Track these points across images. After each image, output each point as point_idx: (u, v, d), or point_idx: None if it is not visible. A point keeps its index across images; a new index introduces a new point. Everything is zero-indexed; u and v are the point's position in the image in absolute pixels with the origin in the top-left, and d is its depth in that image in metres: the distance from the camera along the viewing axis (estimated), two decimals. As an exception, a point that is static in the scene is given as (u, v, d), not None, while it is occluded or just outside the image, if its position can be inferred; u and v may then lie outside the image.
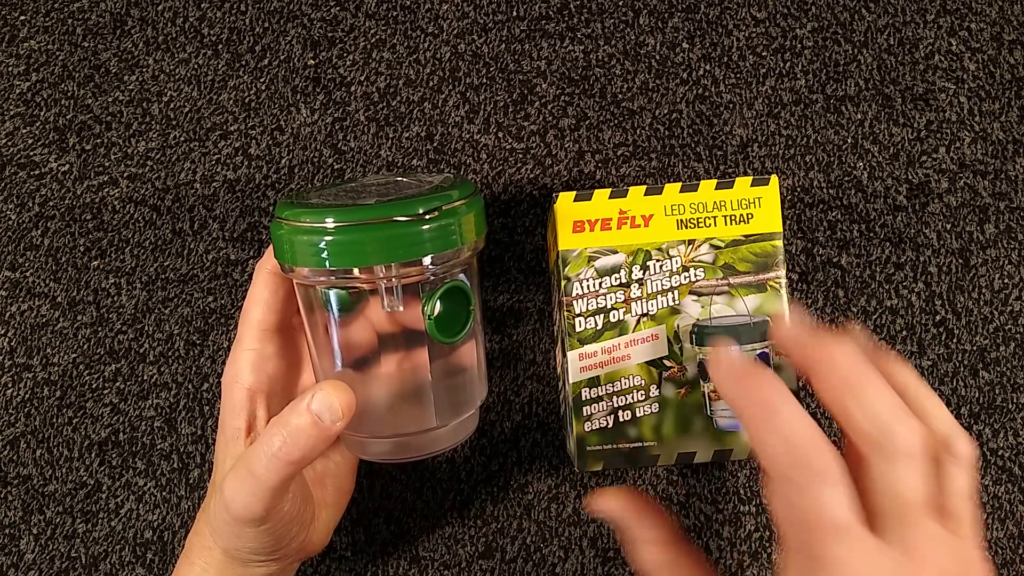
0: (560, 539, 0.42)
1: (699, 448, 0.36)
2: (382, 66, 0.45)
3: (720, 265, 0.36)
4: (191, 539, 0.36)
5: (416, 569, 0.42)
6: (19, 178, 0.45)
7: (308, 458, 0.30)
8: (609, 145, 0.44)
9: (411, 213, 0.30)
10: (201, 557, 0.35)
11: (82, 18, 0.46)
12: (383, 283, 0.31)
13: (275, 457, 0.30)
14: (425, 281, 0.31)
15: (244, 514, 0.31)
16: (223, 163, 0.44)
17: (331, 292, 0.32)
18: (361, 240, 0.29)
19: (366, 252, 0.30)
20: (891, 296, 0.43)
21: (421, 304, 0.31)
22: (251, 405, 0.34)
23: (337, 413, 0.30)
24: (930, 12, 0.45)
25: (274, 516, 0.32)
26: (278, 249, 0.32)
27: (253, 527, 0.31)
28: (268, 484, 0.30)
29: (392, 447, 0.34)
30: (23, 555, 0.43)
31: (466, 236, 0.32)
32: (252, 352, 0.34)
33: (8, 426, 0.43)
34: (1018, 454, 0.42)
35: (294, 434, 0.30)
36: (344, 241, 0.29)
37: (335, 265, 0.30)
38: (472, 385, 0.35)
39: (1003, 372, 0.42)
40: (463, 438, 0.35)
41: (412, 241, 0.30)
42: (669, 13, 0.45)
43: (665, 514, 0.33)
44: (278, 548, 0.33)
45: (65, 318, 0.44)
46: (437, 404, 0.33)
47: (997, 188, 0.43)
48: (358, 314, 0.33)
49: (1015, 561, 0.42)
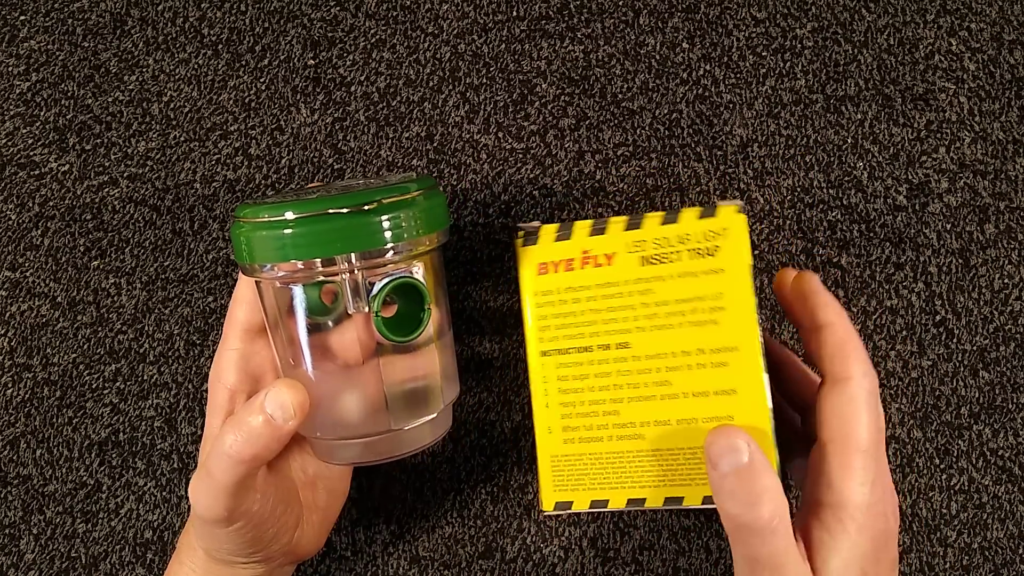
0: (560, 539, 0.42)
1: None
2: (382, 66, 0.45)
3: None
4: (181, 539, 0.36)
5: (416, 569, 0.42)
6: (19, 178, 0.45)
7: (261, 456, 0.30)
8: (609, 145, 0.44)
9: (369, 202, 0.30)
10: (189, 557, 0.35)
11: (82, 18, 0.46)
12: (347, 279, 0.31)
13: (227, 456, 0.30)
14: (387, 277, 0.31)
15: (206, 515, 0.31)
16: (223, 163, 0.44)
17: (292, 289, 0.32)
18: (319, 231, 0.30)
19: (324, 241, 0.30)
20: (891, 296, 0.43)
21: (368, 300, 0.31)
22: (231, 405, 0.34)
23: (289, 412, 0.30)
24: (930, 12, 0.45)
25: (240, 516, 0.31)
26: (237, 250, 0.32)
27: (220, 527, 0.31)
28: (223, 483, 0.30)
29: (358, 450, 0.33)
30: (23, 555, 0.43)
31: (426, 226, 0.31)
32: (235, 352, 0.34)
33: (8, 426, 0.43)
34: (1018, 454, 0.42)
35: (246, 433, 0.30)
36: (303, 232, 0.30)
37: (294, 257, 0.30)
38: (432, 387, 0.34)
39: (1003, 372, 0.42)
40: (433, 440, 0.34)
41: (371, 230, 0.30)
42: (669, 13, 0.45)
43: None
44: (257, 549, 0.33)
45: (65, 318, 0.44)
46: (392, 406, 0.33)
47: (997, 188, 0.43)
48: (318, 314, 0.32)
49: (1015, 561, 0.42)
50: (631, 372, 0.34)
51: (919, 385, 0.42)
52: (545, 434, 0.35)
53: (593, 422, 0.35)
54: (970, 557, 0.41)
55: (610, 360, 0.34)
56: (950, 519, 0.42)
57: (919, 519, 0.42)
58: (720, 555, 0.42)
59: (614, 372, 0.34)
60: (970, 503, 0.42)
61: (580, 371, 0.35)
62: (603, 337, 0.34)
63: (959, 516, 0.42)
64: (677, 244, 0.34)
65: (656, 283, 0.34)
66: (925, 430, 0.42)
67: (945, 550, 0.42)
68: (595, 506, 0.35)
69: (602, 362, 0.35)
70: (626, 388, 0.34)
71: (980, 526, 0.42)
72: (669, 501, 0.34)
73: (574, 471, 0.35)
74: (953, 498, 0.42)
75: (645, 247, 0.34)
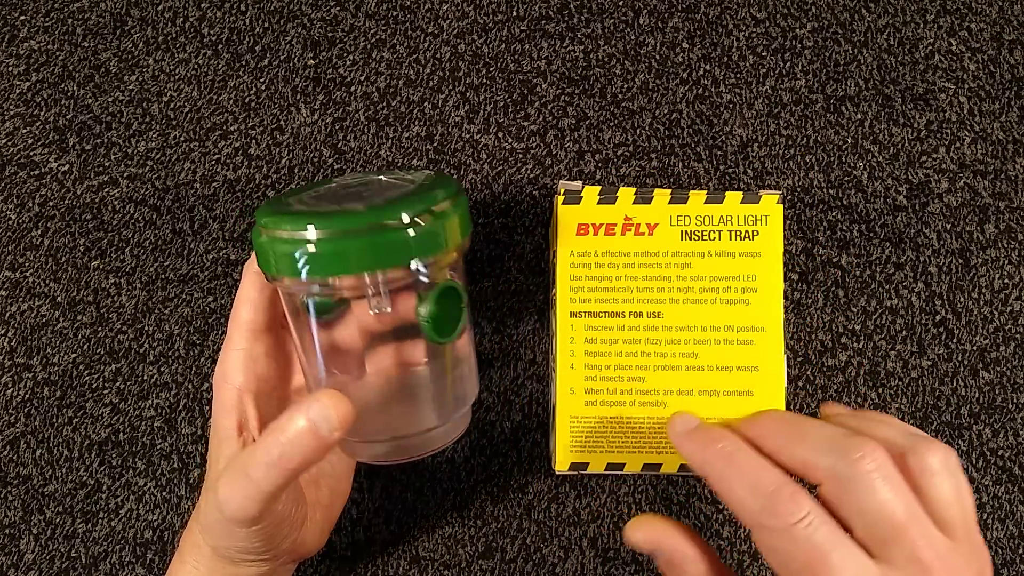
0: (560, 539, 0.42)
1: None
2: (382, 66, 0.45)
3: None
4: (184, 537, 0.36)
5: (416, 569, 0.42)
6: (19, 178, 0.45)
7: (304, 467, 0.30)
8: (609, 145, 0.44)
9: (395, 218, 0.29)
10: (192, 555, 0.35)
11: (82, 18, 0.46)
12: (370, 288, 0.30)
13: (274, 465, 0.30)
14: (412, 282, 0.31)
15: (239, 515, 0.31)
16: (223, 163, 0.44)
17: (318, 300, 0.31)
18: (345, 249, 0.28)
19: (350, 261, 0.29)
20: (891, 296, 0.43)
21: (416, 307, 0.31)
22: (241, 405, 0.34)
23: (333, 423, 0.30)
24: (930, 12, 0.45)
25: (267, 517, 0.32)
26: (260, 258, 0.31)
27: (245, 527, 0.32)
28: (265, 489, 0.30)
29: (388, 449, 0.34)
30: (23, 555, 0.43)
31: (452, 239, 0.31)
32: (241, 352, 0.34)
33: (8, 426, 0.43)
34: (1018, 454, 0.42)
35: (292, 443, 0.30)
36: (327, 252, 0.28)
37: (317, 275, 0.29)
38: (468, 382, 0.35)
39: (1003, 372, 0.42)
40: (456, 436, 0.35)
41: (398, 248, 0.29)
42: (669, 13, 0.45)
43: (706, 544, 0.32)
44: (268, 548, 0.33)
45: (65, 318, 0.44)
46: (436, 403, 0.33)
47: (997, 188, 0.43)
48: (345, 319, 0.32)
49: (1015, 561, 0.42)
50: (660, 342, 0.36)
51: (919, 385, 0.42)
52: (567, 394, 0.36)
53: (617, 387, 0.36)
54: (970, 557, 0.42)
55: (640, 328, 0.36)
56: (950, 519, 0.42)
57: (919, 519, 0.42)
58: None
59: (643, 340, 0.36)
60: (970, 503, 0.42)
61: (609, 335, 0.36)
62: (636, 305, 0.36)
63: (959, 516, 0.42)
64: (719, 224, 0.36)
65: (695, 258, 0.36)
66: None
67: (945, 550, 0.42)
68: (611, 468, 0.36)
69: (632, 328, 0.36)
70: (654, 356, 0.36)
71: (980, 526, 0.42)
72: (684, 468, 0.36)
73: (593, 433, 0.36)
74: (953, 498, 0.42)
75: (688, 222, 0.36)
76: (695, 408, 0.36)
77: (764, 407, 0.36)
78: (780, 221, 0.36)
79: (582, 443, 0.36)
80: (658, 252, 0.36)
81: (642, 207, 0.36)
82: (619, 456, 0.36)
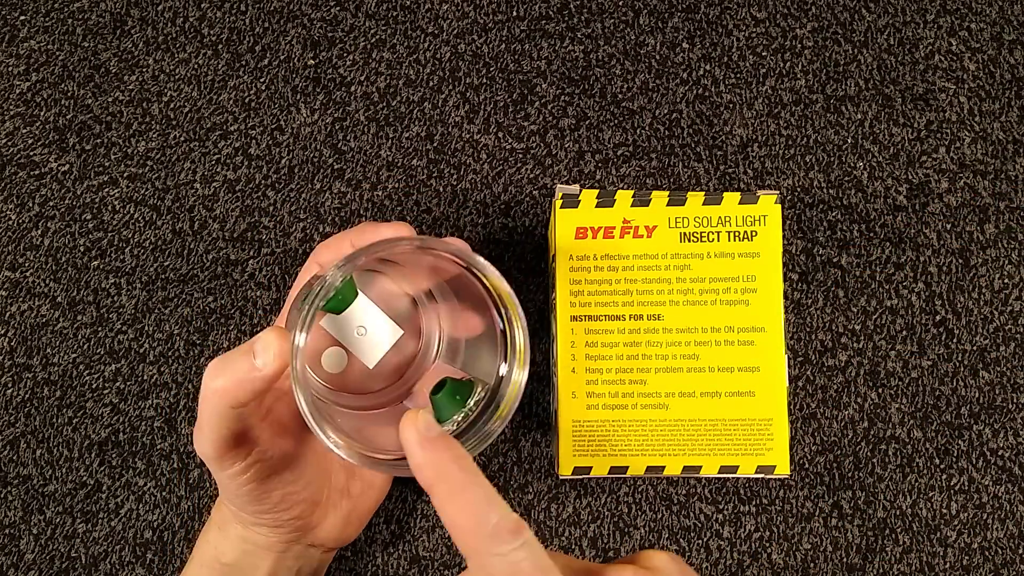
0: (560, 539, 0.42)
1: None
2: (382, 66, 0.45)
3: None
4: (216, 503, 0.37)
5: (416, 569, 0.42)
6: (19, 178, 0.45)
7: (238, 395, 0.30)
8: (609, 145, 0.44)
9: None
10: (218, 513, 0.36)
11: (82, 18, 0.46)
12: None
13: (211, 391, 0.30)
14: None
15: (200, 448, 0.32)
16: (223, 163, 0.44)
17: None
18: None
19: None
20: (891, 296, 0.43)
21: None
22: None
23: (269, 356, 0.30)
24: (930, 12, 0.45)
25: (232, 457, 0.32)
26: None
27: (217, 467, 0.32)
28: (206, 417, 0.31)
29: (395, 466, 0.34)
30: (23, 555, 0.43)
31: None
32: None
33: (8, 426, 0.43)
34: (1018, 454, 0.42)
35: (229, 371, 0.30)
36: None
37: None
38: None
39: (1003, 372, 0.42)
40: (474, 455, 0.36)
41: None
42: (669, 13, 0.45)
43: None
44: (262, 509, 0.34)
45: (65, 318, 0.44)
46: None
47: (997, 188, 0.43)
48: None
49: (1015, 561, 0.42)
50: (661, 344, 0.36)
51: (919, 385, 0.42)
52: (568, 399, 0.36)
53: (619, 389, 0.36)
54: (970, 557, 0.42)
55: (641, 330, 0.36)
56: (950, 519, 0.42)
57: (919, 519, 0.42)
58: (720, 555, 0.42)
59: (644, 343, 0.36)
60: (970, 503, 0.42)
61: (610, 339, 0.36)
62: (636, 307, 0.36)
63: (959, 516, 0.42)
64: (718, 225, 0.36)
65: (694, 260, 0.36)
66: (925, 430, 0.42)
67: (945, 550, 0.42)
68: (614, 472, 0.36)
69: (632, 331, 0.36)
70: (655, 359, 0.36)
71: (980, 526, 0.42)
72: (687, 469, 0.36)
73: (595, 436, 0.36)
74: (953, 498, 0.42)
75: (686, 224, 0.36)
76: (697, 409, 0.36)
77: (765, 407, 0.36)
78: (779, 221, 0.36)
79: (585, 447, 0.36)
80: (657, 254, 0.36)
81: (640, 209, 0.36)
82: (622, 459, 0.36)
